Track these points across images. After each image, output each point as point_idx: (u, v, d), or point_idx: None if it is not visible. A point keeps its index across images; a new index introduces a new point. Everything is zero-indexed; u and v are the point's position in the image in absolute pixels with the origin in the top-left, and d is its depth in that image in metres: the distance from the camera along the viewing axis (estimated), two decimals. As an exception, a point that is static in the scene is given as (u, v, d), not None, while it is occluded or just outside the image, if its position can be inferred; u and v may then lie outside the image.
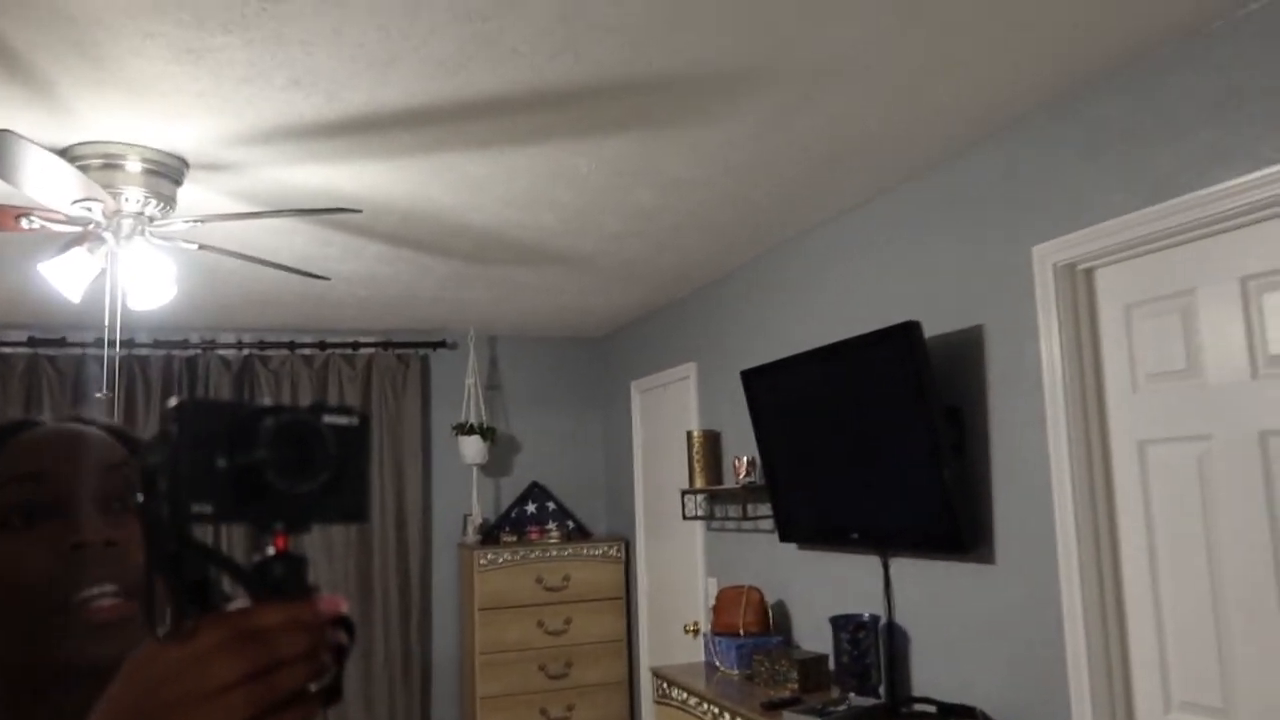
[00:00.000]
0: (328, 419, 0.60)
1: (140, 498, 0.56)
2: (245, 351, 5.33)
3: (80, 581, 0.79)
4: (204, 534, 0.56)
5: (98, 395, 4.71)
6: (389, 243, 3.66)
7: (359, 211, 2.77)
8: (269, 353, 5.38)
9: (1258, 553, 2.09)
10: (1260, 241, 2.10)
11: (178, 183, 2.72)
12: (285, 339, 5.40)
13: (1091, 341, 2.51)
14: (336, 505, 0.59)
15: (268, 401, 0.67)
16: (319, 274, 3.47)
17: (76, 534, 0.80)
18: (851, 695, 2.99)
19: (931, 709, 2.74)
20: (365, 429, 0.61)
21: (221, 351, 5.29)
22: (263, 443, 0.56)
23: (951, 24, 2.09)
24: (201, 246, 3.01)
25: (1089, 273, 2.53)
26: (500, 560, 5.24)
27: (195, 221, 2.79)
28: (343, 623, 0.59)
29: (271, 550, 0.58)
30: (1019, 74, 2.36)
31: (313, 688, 0.56)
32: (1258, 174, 2.01)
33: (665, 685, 3.69)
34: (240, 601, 0.57)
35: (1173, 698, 2.29)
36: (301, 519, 0.58)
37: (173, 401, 0.57)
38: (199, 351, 5.24)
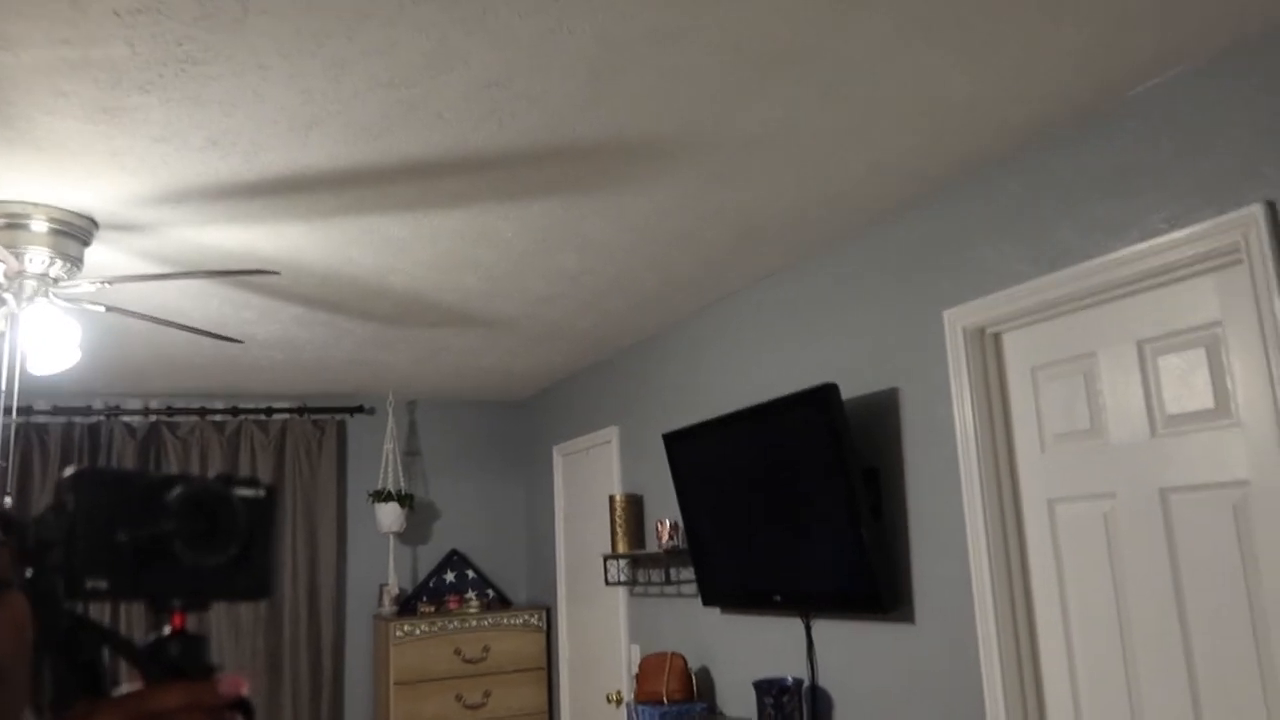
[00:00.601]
0: (235, 490, 0.58)
1: (29, 573, 0.53)
2: (152, 418, 5.14)
3: None
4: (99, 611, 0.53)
5: (-10, 464, 4.47)
6: (307, 305, 3.60)
7: (276, 274, 2.73)
8: (177, 419, 5.19)
9: (1162, 603, 2.16)
10: (1153, 307, 2.21)
11: (85, 243, 2.65)
12: (195, 404, 5.23)
13: (1001, 403, 2.60)
14: (240, 582, 0.58)
15: (173, 470, 0.65)
16: (232, 337, 3.39)
17: None
18: (777, 761, 2.97)
19: (856, 772, 2.73)
20: (273, 501, 0.60)
21: (126, 418, 5.09)
22: (169, 513, 0.54)
23: (866, 103, 2.18)
24: (109, 309, 2.92)
25: (997, 337, 2.63)
26: (417, 632, 5.09)
27: (103, 283, 2.70)
28: (241, 705, 0.57)
29: (168, 629, 0.56)
30: (928, 151, 2.47)
31: None
32: (1148, 244, 2.13)
33: (588, 757, 3.60)
34: (134, 683, 0.55)
35: (1088, 752, 2.33)
36: (202, 596, 0.57)
37: (69, 470, 0.55)
38: (102, 418, 5.03)
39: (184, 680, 0.54)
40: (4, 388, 3.07)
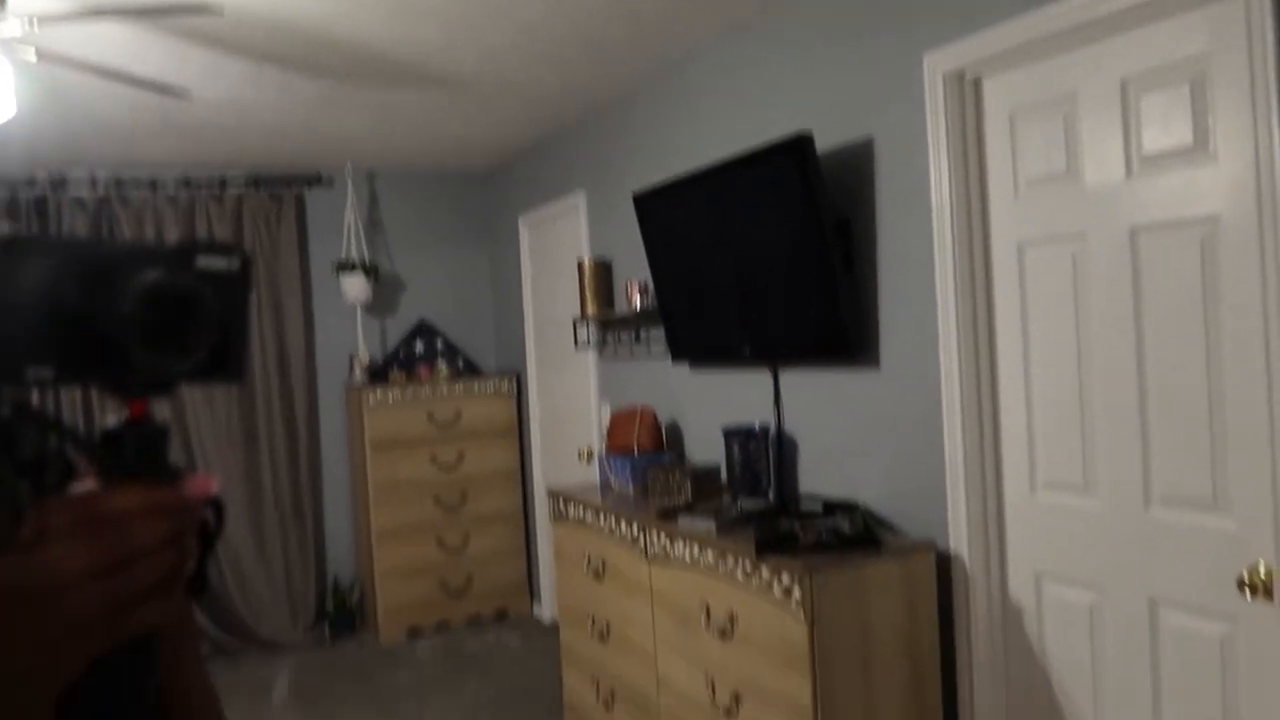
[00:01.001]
0: (202, 262, 0.50)
1: None
2: (101, 191, 4.95)
3: None
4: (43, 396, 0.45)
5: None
6: (253, 59, 3.39)
7: (219, 13, 2.54)
8: (128, 192, 5.01)
9: (1122, 342, 2.24)
10: (1140, 43, 2.15)
11: (6, -23, 2.43)
12: (146, 177, 5.03)
13: (978, 150, 2.57)
14: (209, 365, 0.50)
15: (131, 239, 0.56)
16: (175, 87, 3.20)
17: None
18: (742, 500, 3.14)
19: (818, 507, 2.90)
20: (247, 273, 0.52)
21: (74, 191, 4.90)
22: (127, 300, 0.46)
23: None
24: (41, 56, 2.72)
25: (977, 82, 2.56)
26: (390, 400, 5.20)
27: (30, 21, 2.51)
28: (212, 505, 0.51)
29: (126, 417, 0.49)
30: None
31: (174, 579, 0.49)
32: (1144, -30, 2.04)
33: (562, 504, 3.79)
34: (88, 482, 0.48)
35: (1038, 478, 2.49)
36: (165, 382, 0.49)
37: (3, 226, 0.46)
38: (48, 191, 4.83)
39: (144, 479, 0.48)
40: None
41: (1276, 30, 1.85)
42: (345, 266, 5.27)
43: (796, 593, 2.44)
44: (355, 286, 5.28)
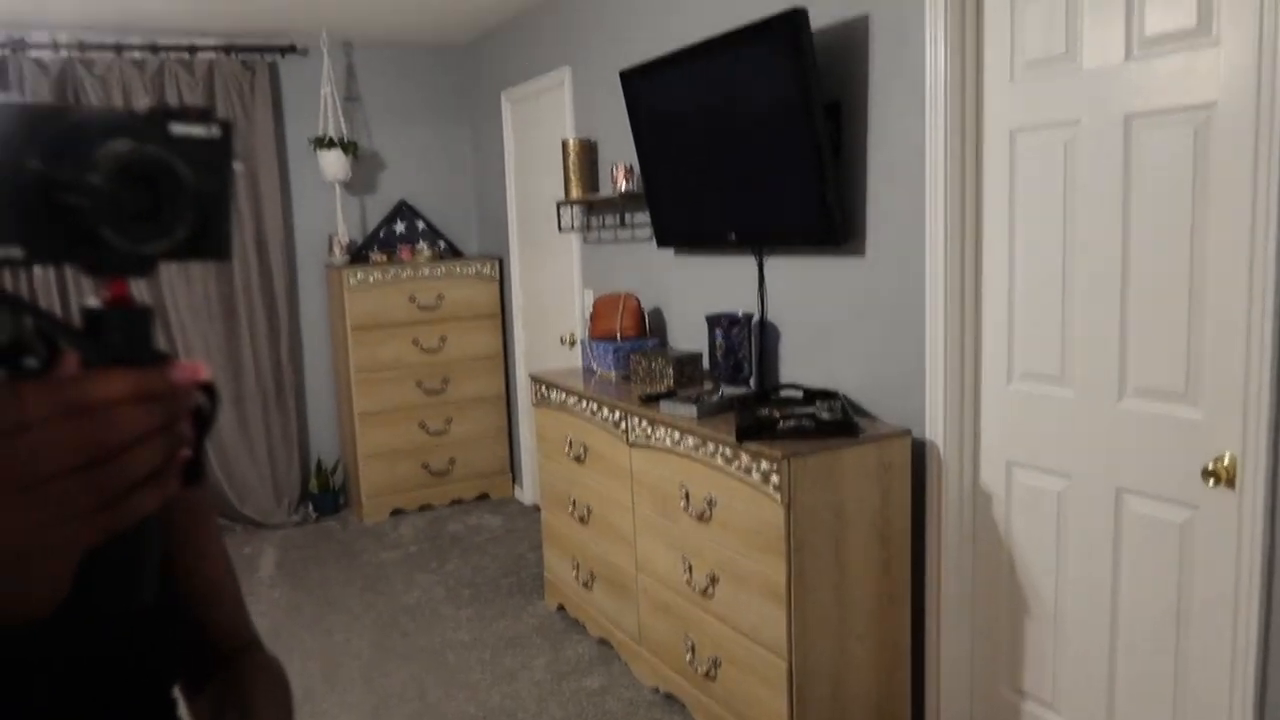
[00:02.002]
0: (179, 129, 0.45)
1: None
2: (63, 54, 4.75)
3: None
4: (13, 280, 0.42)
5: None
6: (221, -85, 3.21)
7: None
8: (92, 55, 4.81)
9: (1108, 233, 2.22)
10: (1152, -84, 2.06)
11: None
12: (110, 40, 4.83)
13: (975, 29, 2.49)
14: (191, 248, 0.46)
15: (102, 107, 0.50)
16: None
17: None
18: (724, 386, 3.15)
19: (798, 394, 2.92)
20: (228, 141, 0.47)
21: (35, 53, 4.71)
22: (97, 177, 0.42)
23: None
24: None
25: (979, -44, 2.46)
26: (371, 280, 5.14)
27: None
28: (204, 389, 0.49)
29: (106, 297, 0.46)
30: None
31: (167, 466, 0.46)
32: None
33: (544, 389, 3.81)
34: (70, 368, 0.45)
35: (1015, 369, 2.50)
36: (146, 261, 0.45)
37: None
38: (7, 53, 4.64)
39: (129, 364, 0.45)
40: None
41: (1293, -93, 1.77)
42: (322, 142, 5.13)
43: (775, 477, 2.48)
44: (333, 164, 5.15)
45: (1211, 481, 2.03)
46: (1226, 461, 2.01)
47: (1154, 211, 2.12)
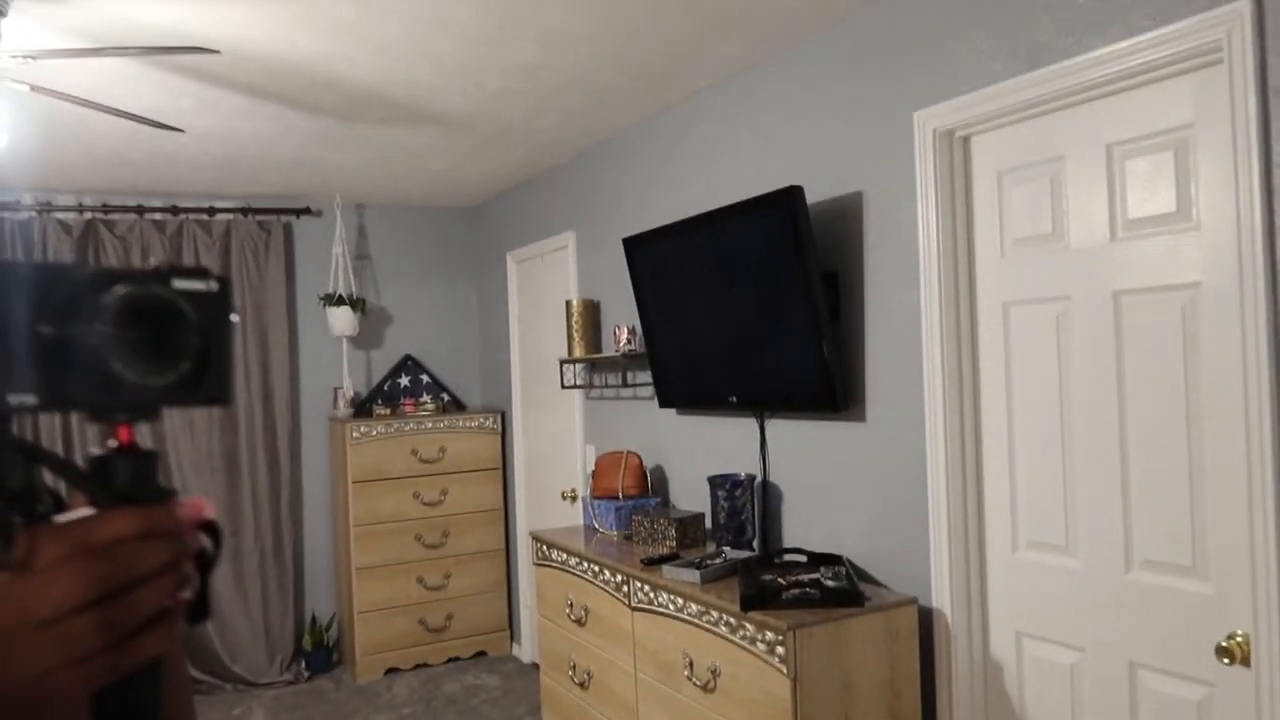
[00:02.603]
0: (180, 284, 0.49)
1: None
2: (87, 215, 4.94)
3: None
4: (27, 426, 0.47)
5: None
6: (249, 95, 3.41)
7: (216, 52, 2.55)
8: (114, 217, 5.00)
9: (1104, 403, 2.26)
10: (1127, 109, 2.19)
11: (1, 12, 2.43)
12: (133, 203, 5.02)
13: (965, 207, 2.60)
14: (196, 390, 0.49)
15: (107, 264, 0.56)
16: (171, 124, 3.21)
17: None
18: (727, 549, 3.13)
19: (802, 558, 2.89)
20: (226, 295, 0.51)
21: (60, 215, 4.89)
22: (104, 319, 0.46)
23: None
24: (34, 88, 2.72)
25: (966, 140, 2.59)
26: (374, 433, 5.17)
27: (25, 57, 2.51)
28: (206, 527, 0.51)
29: (113, 444, 0.49)
30: (910, -68, 2.34)
31: (173, 605, 0.49)
32: (1129, 41, 2.08)
33: (544, 548, 3.77)
34: (80, 510, 0.48)
35: (1020, 537, 2.49)
36: (151, 406, 0.48)
37: None
38: (34, 214, 4.82)
39: (136, 504, 0.48)
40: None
41: (1259, 100, 1.88)
42: (332, 299, 5.26)
43: (780, 649, 2.43)
44: (342, 319, 5.27)
45: (1226, 660, 1.99)
46: (1240, 639, 1.98)
47: (1148, 384, 2.16)
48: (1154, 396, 2.15)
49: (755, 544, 3.17)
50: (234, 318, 0.52)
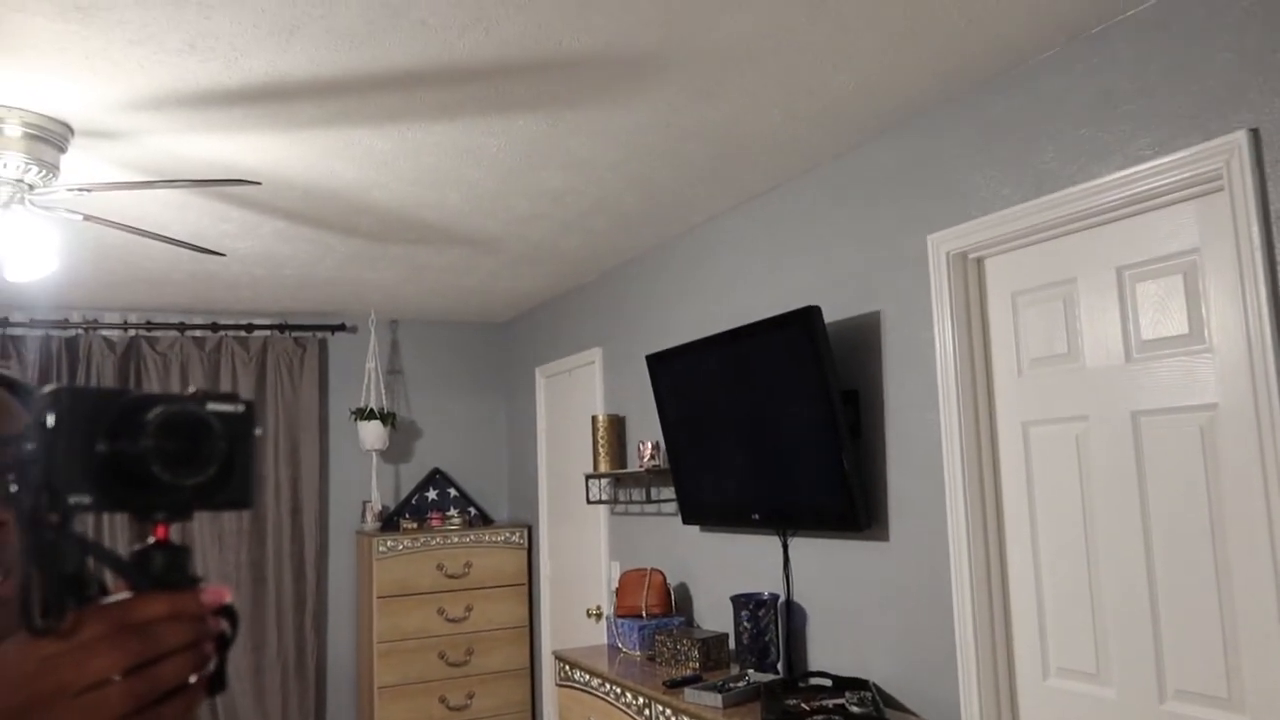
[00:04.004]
0: (211, 405, 0.59)
1: (13, 487, 0.54)
2: (131, 332, 5.11)
3: None
4: (82, 523, 0.55)
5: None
6: (289, 220, 3.56)
7: (258, 184, 2.69)
8: (157, 334, 5.17)
9: (1128, 524, 2.23)
10: (1134, 234, 2.23)
11: (61, 149, 2.60)
12: (175, 320, 5.20)
13: (981, 327, 2.63)
14: (221, 494, 0.59)
15: (153, 389, 0.66)
16: (214, 250, 3.36)
17: None
18: (751, 672, 3.06)
19: (827, 683, 2.82)
20: (251, 415, 0.61)
21: (105, 332, 5.06)
22: (147, 433, 0.55)
23: (852, 18, 2.15)
24: (86, 218, 2.88)
25: (979, 262, 2.64)
26: (400, 547, 5.17)
27: (80, 190, 2.66)
28: (226, 612, 0.60)
29: (152, 539, 0.58)
30: (916, 70, 2.45)
31: (193, 679, 0.57)
32: (1131, 170, 2.14)
33: (567, 668, 3.71)
34: (120, 593, 0.56)
35: (1050, 664, 2.43)
36: (184, 508, 0.58)
37: (47, 388, 0.56)
38: (80, 332, 5.00)
39: (169, 589, 0.57)
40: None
41: (1261, 226, 1.91)
42: (363, 414, 5.34)
43: (801, 778, 2.35)
44: (372, 434, 5.34)
45: (1268, 798, 1.90)
46: (1281, 775, 1.90)
47: (1170, 504, 2.14)
48: (1178, 518, 2.12)
49: (780, 666, 3.11)
50: (258, 431, 0.62)
